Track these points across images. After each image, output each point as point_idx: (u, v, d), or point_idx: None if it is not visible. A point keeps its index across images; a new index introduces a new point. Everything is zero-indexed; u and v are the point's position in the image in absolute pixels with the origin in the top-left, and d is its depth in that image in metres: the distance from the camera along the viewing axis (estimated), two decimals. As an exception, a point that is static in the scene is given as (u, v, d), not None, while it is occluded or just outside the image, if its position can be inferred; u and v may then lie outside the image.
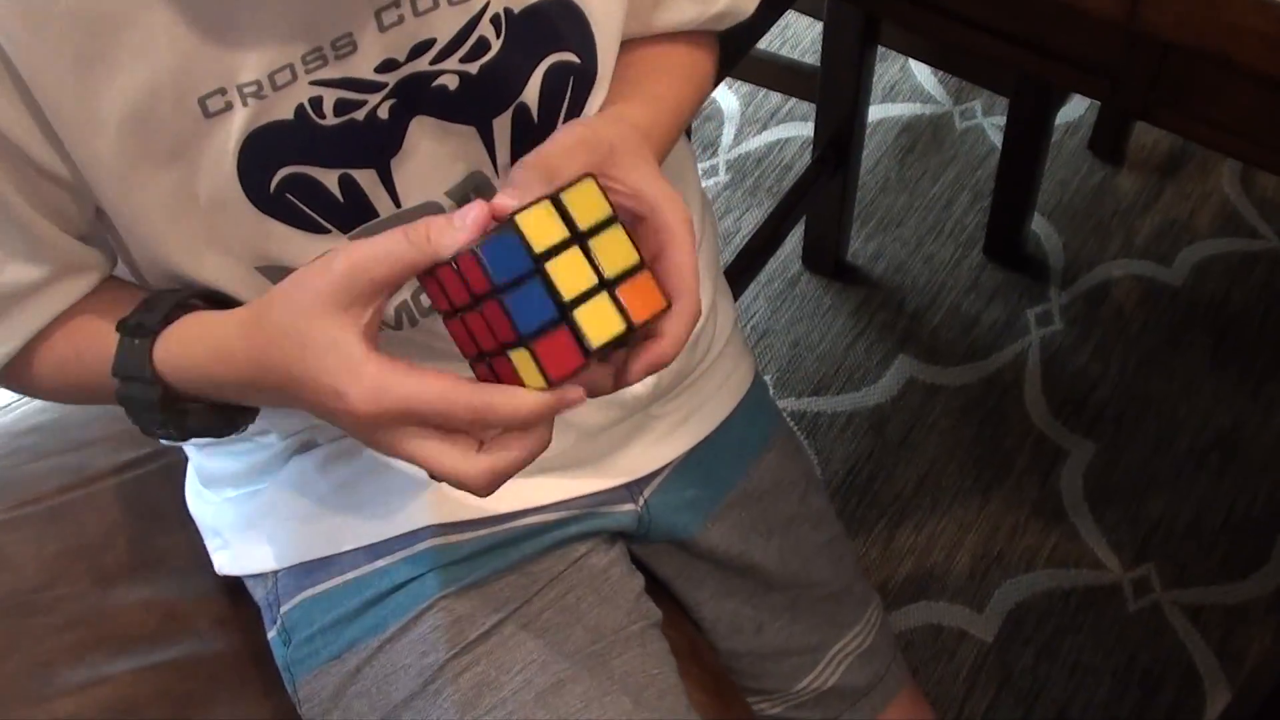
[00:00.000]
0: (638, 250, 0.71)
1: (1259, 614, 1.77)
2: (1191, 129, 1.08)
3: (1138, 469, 1.91)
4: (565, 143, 0.76)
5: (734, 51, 1.49)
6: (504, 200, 0.71)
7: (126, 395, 0.81)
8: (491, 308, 0.68)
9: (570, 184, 0.70)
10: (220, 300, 0.83)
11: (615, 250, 0.71)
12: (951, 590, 1.81)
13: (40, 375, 0.87)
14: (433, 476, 0.72)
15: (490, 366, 0.71)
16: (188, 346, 0.79)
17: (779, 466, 1.16)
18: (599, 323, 0.70)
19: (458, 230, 0.69)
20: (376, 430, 0.71)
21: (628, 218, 0.74)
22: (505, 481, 0.72)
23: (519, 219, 0.68)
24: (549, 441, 0.72)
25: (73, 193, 0.78)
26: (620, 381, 0.75)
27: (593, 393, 0.74)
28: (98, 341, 0.82)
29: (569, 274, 0.69)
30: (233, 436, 0.88)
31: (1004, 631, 1.77)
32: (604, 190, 0.71)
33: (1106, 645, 1.76)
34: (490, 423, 0.70)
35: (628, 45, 0.95)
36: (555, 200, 0.69)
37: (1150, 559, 1.82)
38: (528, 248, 0.68)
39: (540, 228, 0.68)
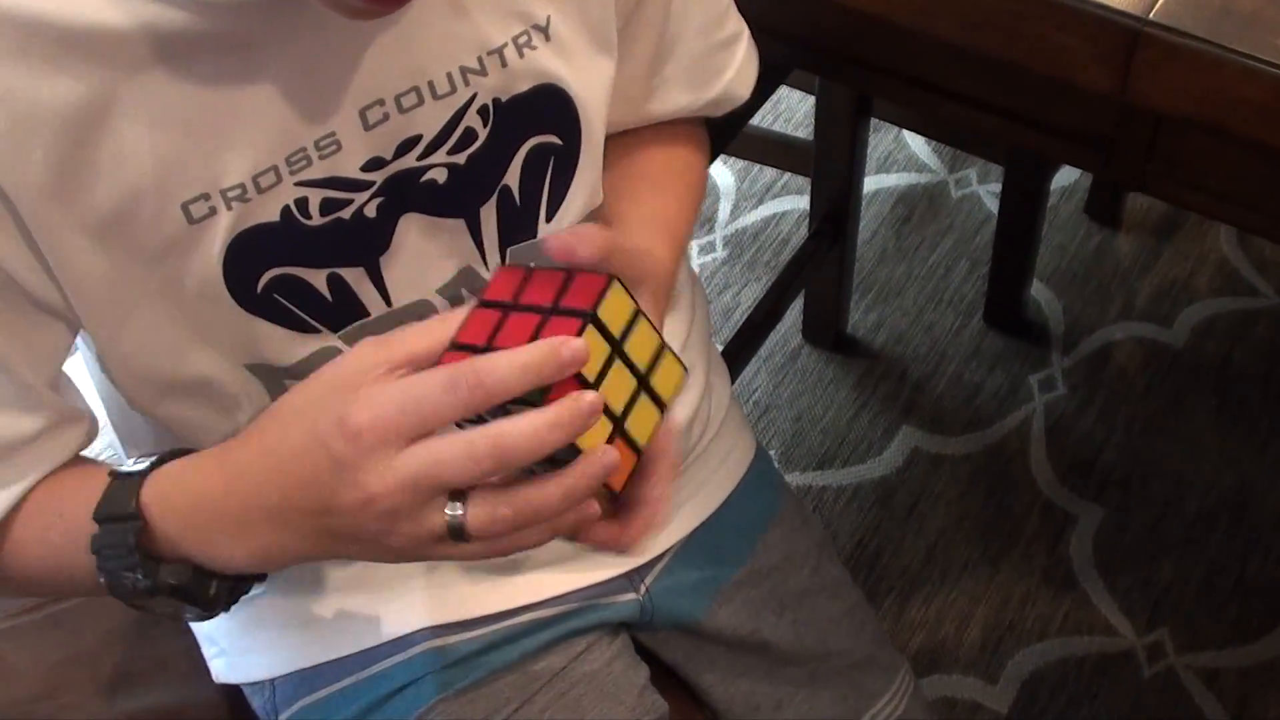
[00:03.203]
0: (657, 332, 0.73)
1: (1275, 675, 1.74)
2: (1187, 198, 1.07)
3: (1147, 532, 1.89)
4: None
5: (728, 128, 1.49)
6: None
7: (101, 542, 0.75)
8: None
9: (602, 295, 0.69)
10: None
11: (644, 343, 0.72)
12: (964, 662, 1.79)
13: (18, 548, 0.82)
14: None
15: None
16: (183, 472, 0.75)
17: (787, 540, 1.13)
18: (644, 423, 0.73)
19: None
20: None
21: None
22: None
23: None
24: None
25: (62, 321, 0.77)
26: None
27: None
28: (84, 498, 0.76)
29: (616, 390, 0.70)
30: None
31: (1019, 703, 1.75)
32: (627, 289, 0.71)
33: (1122, 713, 1.73)
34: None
35: (626, 140, 0.95)
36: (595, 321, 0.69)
37: (1163, 623, 1.80)
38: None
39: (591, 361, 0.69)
